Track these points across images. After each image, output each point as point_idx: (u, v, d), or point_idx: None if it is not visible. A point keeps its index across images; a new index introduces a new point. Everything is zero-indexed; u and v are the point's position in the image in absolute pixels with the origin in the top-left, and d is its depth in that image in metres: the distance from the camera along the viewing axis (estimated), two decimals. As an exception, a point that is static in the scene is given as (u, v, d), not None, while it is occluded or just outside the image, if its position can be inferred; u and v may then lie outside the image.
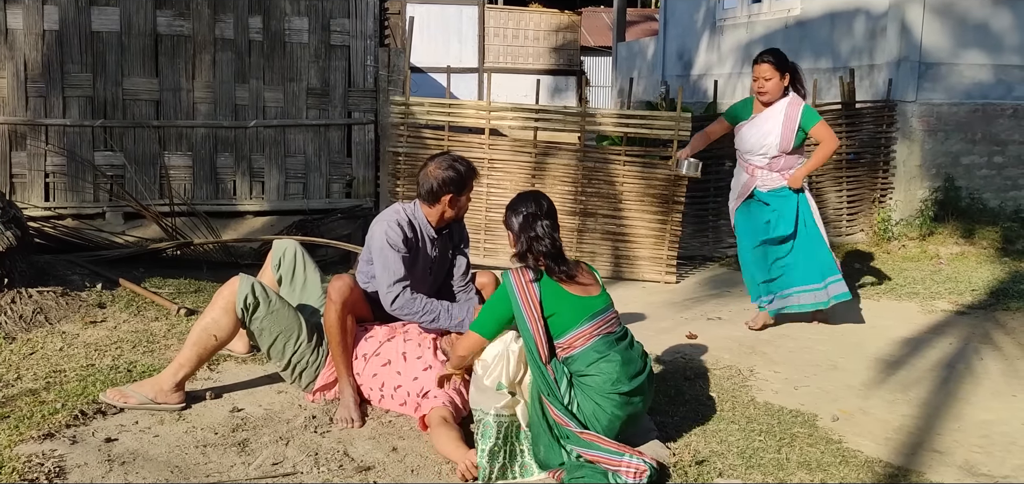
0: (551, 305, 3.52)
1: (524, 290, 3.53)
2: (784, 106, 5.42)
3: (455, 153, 4.17)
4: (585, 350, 3.51)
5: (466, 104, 7.70)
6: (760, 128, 5.49)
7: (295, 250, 4.42)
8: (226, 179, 7.84)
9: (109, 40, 7.40)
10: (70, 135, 7.41)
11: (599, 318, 3.57)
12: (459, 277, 4.35)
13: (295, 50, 7.85)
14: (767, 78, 5.34)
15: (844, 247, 8.40)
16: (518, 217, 3.69)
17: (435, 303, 4.03)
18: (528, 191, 3.87)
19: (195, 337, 3.92)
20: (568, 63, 19.60)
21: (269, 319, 3.95)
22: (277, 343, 4.00)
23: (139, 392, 3.84)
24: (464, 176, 4.08)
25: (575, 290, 3.59)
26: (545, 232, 3.63)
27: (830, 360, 5.14)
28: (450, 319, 4.01)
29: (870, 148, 8.63)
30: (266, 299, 3.94)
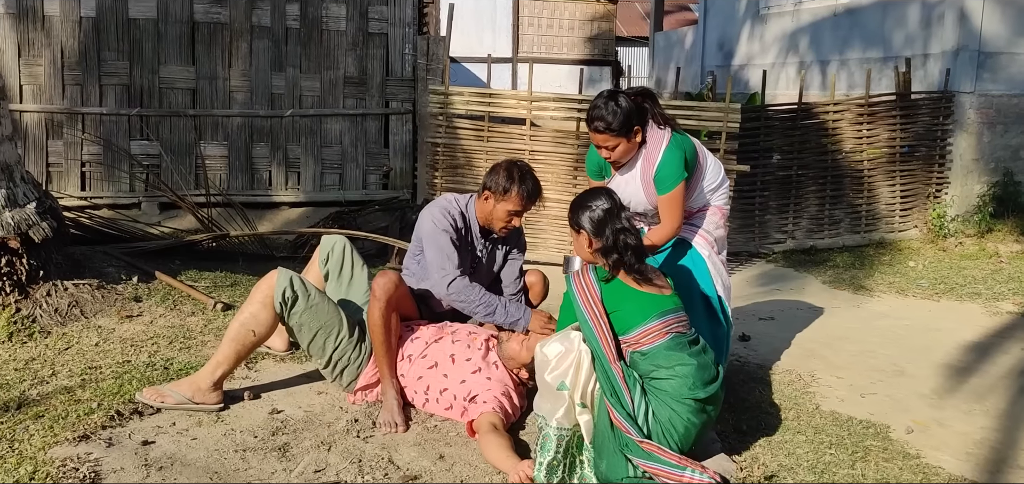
0: (616, 301, 3.32)
1: (584, 289, 3.32)
2: (639, 167, 3.93)
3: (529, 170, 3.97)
4: (656, 348, 3.28)
5: (506, 94, 7.48)
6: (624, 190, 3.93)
7: (344, 245, 4.25)
8: (261, 169, 7.69)
9: (146, 27, 7.28)
10: (106, 124, 7.31)
11: (669, 316, 3.34)
12: (511, 283, 4.17)
13: (332, 38, 7.68)
14: (609, 147, 3.80)
15: (897, 244, 8.09)
16: (594, 213, 3.45)
17: (494, 297, 3.88)
18: (591, 189, 3.62)
19: (233, 333, 3.75)
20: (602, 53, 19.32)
21: (308, 314, 3.78)
22: (317, 339, 3.83)
23: (176, 391, 3.68)
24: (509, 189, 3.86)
25: (646, 288, 3.37)
26: (629, 223, 3.43)
27: (895, 365, 4.87)
28: (507, 315, 3.86)
29: (925, 141, 8.30)
30: (305, 293, 3.77)
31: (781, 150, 7.89)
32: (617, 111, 3.73)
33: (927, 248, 8.01)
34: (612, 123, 3.74)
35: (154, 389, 3.71)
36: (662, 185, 3.88)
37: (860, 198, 8.16)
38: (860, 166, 8.13)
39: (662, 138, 3.88)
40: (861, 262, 7.57)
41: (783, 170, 7.92)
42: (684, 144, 3.91)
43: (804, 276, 7.20)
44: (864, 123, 8.04)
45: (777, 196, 7.94)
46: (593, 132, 3.81)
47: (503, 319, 3.85)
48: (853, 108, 8.03)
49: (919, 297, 6.52)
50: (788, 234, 8.00)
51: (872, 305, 6.28)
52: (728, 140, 6.92)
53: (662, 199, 3.91)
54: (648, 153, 3.90)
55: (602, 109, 3.75)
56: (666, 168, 3.85)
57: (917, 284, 6.82)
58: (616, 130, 3.75)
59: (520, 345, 3.82)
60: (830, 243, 8.05)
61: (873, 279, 7.00)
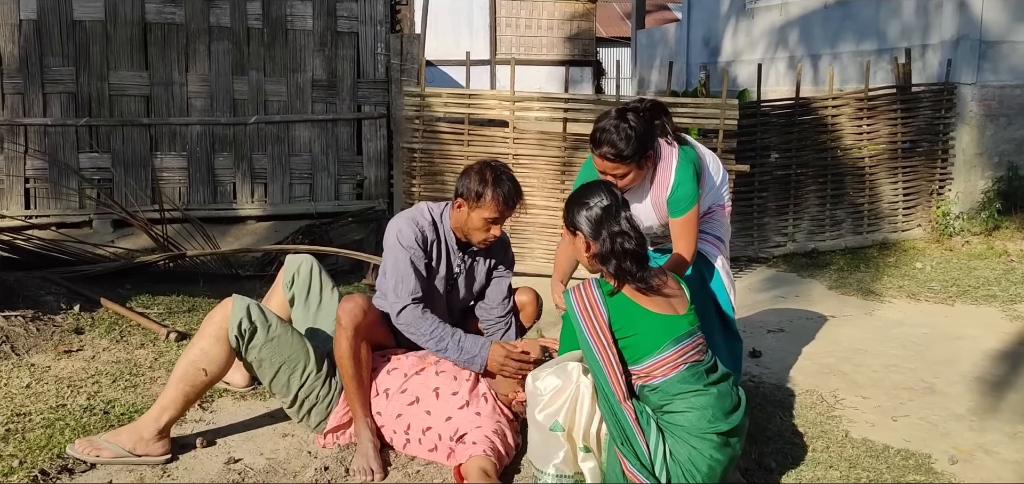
0: (625, 324, 2.82)
1: (588, 309, 2.81)
2: (648, 190, 3.49)
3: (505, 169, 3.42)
4: (669, 381, 2.80)
5: (487, 94, 6.99)
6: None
7: (311, 266, 3.72)
8: (225, 181, 7.15)
9: (93, 30, 6.72)
10: (52, 135, 6.74)
11: (685, 343, 2.85)
12: (497, 304, 3.66)
13: (298, 38, 7.16)
14: (619, 175, 3.28)
15: (901, 244, 7.69)
16: (590, 212, 2.93)
17: (446, 329, 3.36)
18: (591, 182, 3.09)
19: (181, 372, 3.25)
20: (583, 53, 18.84)
21: (269, 348, 3.28)
22: (280, 376, 3.34)
23: (114, 443, 3.16)
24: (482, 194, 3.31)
25: (657, 305, 2.87)
26: (629, 225, 2.90)
27: (923, 381, 4.44)
28: (459, 352, 3.34)
29: (927, 135, 7.90)
30: (264, 324, 3.26)
31: (779, 148, 7.45)
32: (630, 136, 3.21)
33: (933, 248, 7.61)
34: (624, 150, 3.22)
35: (88, 441, 3.19)
36: (678, 208, 3.42)
37: (862, 197, 7.74)
38: (861, 163, 7.71)
39: (671, 155, 3.43)
40: (866, 264, 7.16)
41: (781, 169, 7.49)
42: (692, 156, 3.47)
43: (808, 281, 6.78)
44: (864, 118, 7.63)
45: (776, 197, 7.51)
46: (600, 158, 3.28)
47: (455, 356, 3.34)
48: (852, 102, 7.62)
49: (932, 301, 6.12)
50: (788, 237, 7.57)
51: (885, 312, 5.86)
52: (726, 139, 6.47)
53: (679, 222, 3.44)
54: (659, 175, 3.45)
55: (612, 133, 3.22)
56: (681, 189, 3.40)
57: (928, 287, 6.42)
58: (628, 157, 3.24)
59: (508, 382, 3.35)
60: (832, 245, 7.63)
61: (881, 283, 6.59)
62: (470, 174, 3.35)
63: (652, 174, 3.45)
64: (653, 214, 3.53)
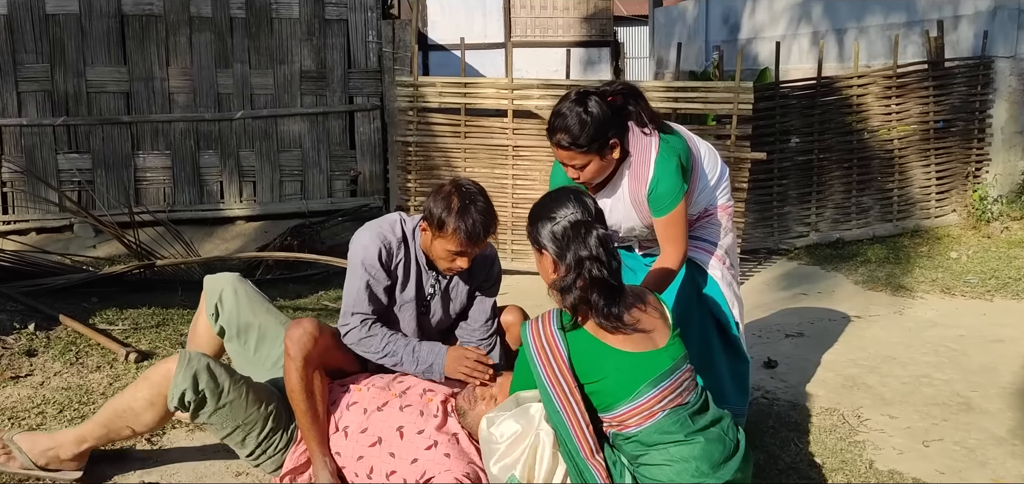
0: (589, 368, 2.38)
1: (546, 351, 2.37)
2: (624, 187, 3.07)
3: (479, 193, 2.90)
4: (646, 430, 2.37)
5: (484, 83, 6.56)
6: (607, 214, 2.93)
7: (235, 290, 3.27)
8: (211, 180, 6.81)
9: (67, 24, 6.38)
10: (28, 136, 6.43)
11: (666, 384, 2.41)
12: (479, 326, 3.23)
13: (284, 26, 6.77)
14: (577, 166, 2.91)
15: (934, 232, 7.17)
16: (556, 226, 2.45)
17: (398, 341, 2.99)
18: (560, 190, 2.61)
19: (107, 418, 2.94)
20: (600, 33, 18.30)
21: (220, 415, 2.92)
22: (234, 436, 2.99)
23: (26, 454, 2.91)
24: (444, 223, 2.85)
25: (630, 342, 2.40)
26: (600, 247, 2.39)
27: (958, 394, 3.97)
28: (416, 363, 2.99)
29: (962, 114, 7.35)
30: (215, 391, 2.87)
31: (800, 132, 6.94)
32: (585, 121, 2.83)
33: (969, 235, 7.08)
34: (579, 137, 2.84)
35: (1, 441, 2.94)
36: (660, 205, 2.98)
37: (891, 182, 7.22)
38: (889, 146, 7.18)
39: (649, 146, 2.98)
40: (896, 255, 6.66)
41: (802, 154, 6.98)
42: (676, 146, 3.01)
43: (833, 275, 6.30)
44: (893, 97, 7.09)
45: (797, 184, 7.01)
46: (556, 147, 2.91)
47: (412, 368, 2.99)
48: (880, 80, 7.08)
49: (969, 296, 5.63)
50: (811, 226, 7.07)
51: (916, 310, 5.38)
52: (740, 124, 5.99)
53: (662, 222, 3.00)
54: (635, 168, 3.00)
55: (567, 117, 2.85)
56: (662, 183, 2.97)
57: (964, 280, 5.91)
58: (585, 146, 2.86)
59: (488, 407, 2.93)
60: (859, 234, 7.12)
61: (913, 276, 6.09)
62: (438, 196, 2.90)
63: (627, 168, 3.01)
64: (634, 214, 3.08)
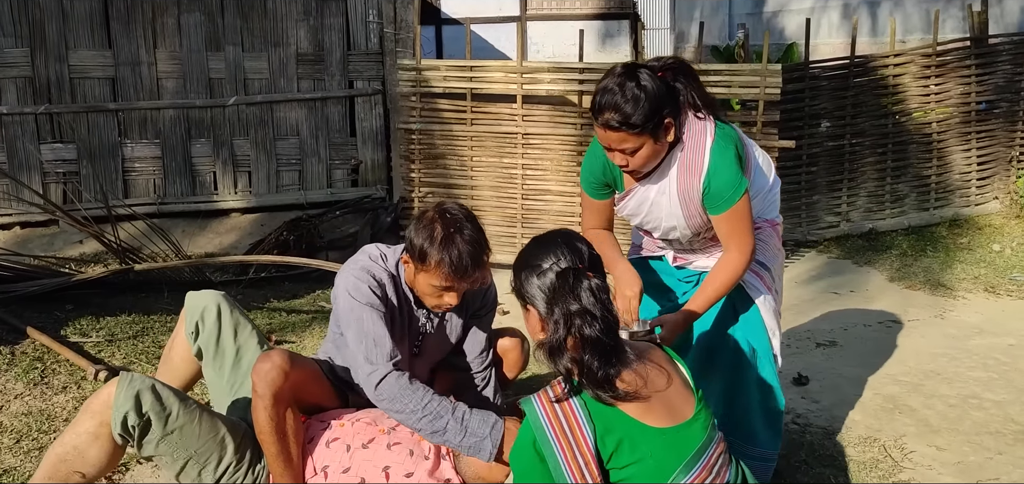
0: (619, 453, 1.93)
1: (566, 434, 1.91)
2: (672, 179, 2.64)
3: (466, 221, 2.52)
4: None
5: (492, 66, 6.14)
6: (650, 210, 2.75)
7: (218, 309, 2.92)
8: (203, 171, 6.45)
9: (47, 5, 6.01)
10: (8, 126, 6.08)
11: (702, 464, 1.97)
12: (475, 358, 2.88)
13: (279, 6, 6.37)
14: (627, 150, 2.49)
15: (975, 221, 6.71)
16: (543, 278, 2.03)
17: (444, 404, 2.50)
18: (552, 232, 2.16)
19: (49, 468, 2.55)
20: (619, 4, 17.72)
21: (168, 442, 2.55)
22: (187, 470, 2.62)
23: None
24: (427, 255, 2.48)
25: (655, 414, 1.96)
26: (596, 301, 1.96)
27: (1014, 421, 3.58)
28: (463, 434, 2.48)
29: (1006, 94, 6.85)
30: (161, 414, 2.50)
31: (831, 115, 6.48)
32: (639, 97, 2.41)
33: (1012, 225, 6.63)
34: (632, 115, 2.41)
35: None
36: (719, 201, 2.56)
37: (928, 168, 6.75)
38: (928, 129, 6.71)
39: (704, 132, 2.57)
40: (933, 247, 6.23)
41: (833, 140, 6.52)
42: (732, 136, 2.61)
43: (865, 270, 5.89)
44: (931, 77, 6.60)
45: (827, 172, 6.56)
46: (603, 128, 2.47)
47: (457, 440, 2.48)
48: (918, 59, 6.59)
49: (1015, 296, 5.24)
50: (842, 216, 6.62)
51: (959, 313, 4.97)
52: (767, 110, 5.55)
53: (723, 219, 2.58)
54: (687, 157, 2.57)
55: (617, 94, 2.42)
56: (721, 175, 2.54)
57: (1010, 277, 5.50)
58: (639, 125, 2.43)
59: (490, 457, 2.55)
60: (893, 224, 6.67)
61: (952, 272, 5.67)
62: (420, 222, 2.52)
63: (677, 155, 2.59)
64: (680, 211, 2.65)
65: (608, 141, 2.50)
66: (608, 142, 2.51)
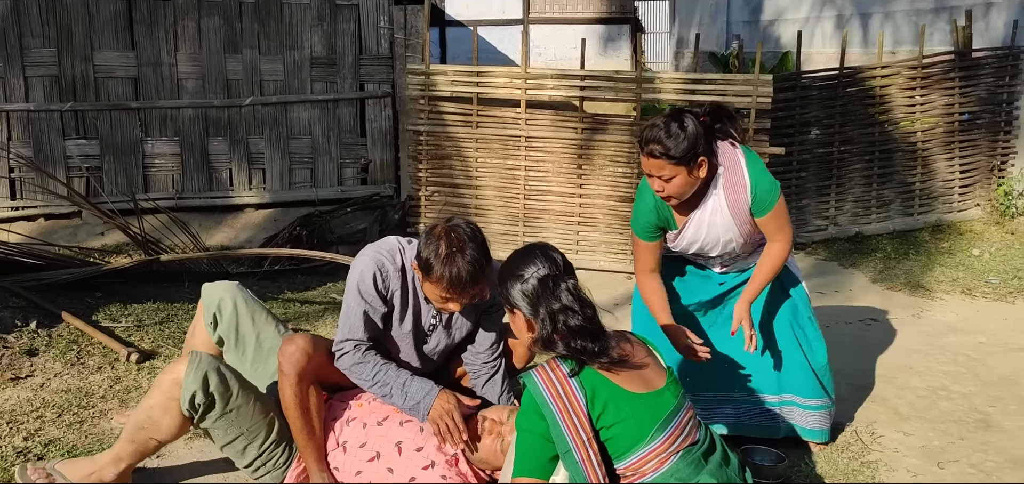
0: (607, 410, 2.30)
1: (562, 397, 2.27)
2: (721, 198, 3.16)
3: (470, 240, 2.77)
4: (661, 476, 2.30)
5: (498, 71, 6.43)
6: (703, 233, 3.24)
7: (234, 300, 3.23)
8: (220, 168, 6.75)
9: (74, 8, 6.31)
10: (35, 122, 6.38)
11: (675, 424, 2.35)
12: (485, 349, 3.15)
13: (294, 12, 6.67)
14: (664, 177, 3.02)
15: (957, 226, 7.00)
16: (525, 284, 2.38)
17: (390, 372, 2.89)
18: (529, 246, 2.52)
19: (132, 431, 2.92)
20: (620, 10, 18.00)
21: (225, 421, 2.90)
22: (235, 444, 2.97)
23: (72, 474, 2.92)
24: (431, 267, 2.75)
25: (633, 383, 2.34)
26: (574, 298, 2.35)
27: (977, 410, 3.86)
28: (404, 398, 2.88)
29: (988, 106, 7.14)
30: (223, 395, 2.85)
31: (821, 123, 6.77)
32: (679, 135, 3.00)
33: (992, 231, 6.91)
34: (672, 149, 2.99)
35: (41, 467, 2.95)
36: (765, 203, 3.14)
37: (913, 175, 7.04)
38: (912, 138, 7.00)
39: (736, 156, 3.18)
40: (916, 250, 6.51)
41: (822, 147, 6.82)
42: (754, 154, 3.25)
43: (849, 272, 6.17)
44: (917, 88, 6.90)
45: (816, 177, 6.85)
46: (647, 157, 3.06)
47: (400, 402, 2.89)
48: (904, 71, 6.89)
49: (990, 298, 5.50)
50: (830, 220, 6.92)
51: (935, 313, 5.26)
52: (758, 117, 5.84)
53: (769, 217, 3.17)
54: (729, 178, 3.17)
55: (661, 130, 3.02)
56: (762, 183, 3.15)
57: (986, 280, 5.78)
58: (677, 157, 3.01)
59: (493, 444, 2.85)
60: (879, 228, 6.97)
61: (932, 275, 5.95)
62: (430, 235, 2.79)
63: (720, 179, 3.18)
64: (734, 224, 3.21)
65: (650, 167, 3.04)
66: (650, 169, 3.05)
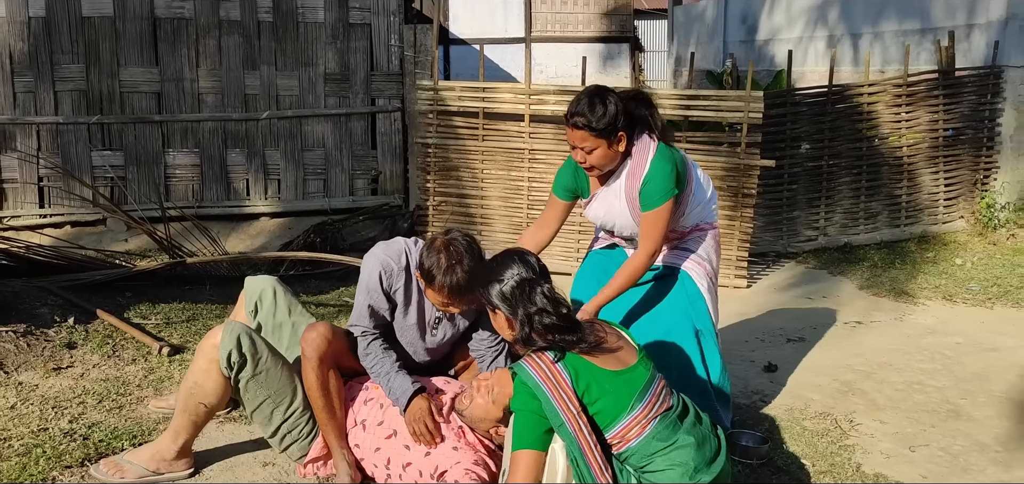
0: (590, 388, 2.62)
1: (551, 379, 2.59)
2: (623, 182, 3.38)
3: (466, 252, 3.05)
4: (644, 440, 2.61)
5: (503, 88, 6.76)
6: (605, 209, 3.49)
7: (274, 290, 3.57)
8: (237, 178, 7.07)
9: (102, 26, 6.65)
10: (63, 134, 6.71)
11: (651, 394, 2.67)
12: (488, 336, 3.41)
13: (309, 30, 7.01)
14: (586, 149, 3.26)
15: (941, 237, 7.31)
16: (504, 286, 2.71)
17: (385, 364, 3.20)
18: (506, 251, 2.86)
19: (182, 402, 3.23)
20: (620, 29, 18.43)
21: (255, 382, 3.19)
22: (263, 408, 3.26)
23: (137, 464, 3.22)
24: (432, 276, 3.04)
25: (610, 363, 2.67)
26: (548, 300, 2.67)
27: (949, 402, 4.15)
28: (389, 389, 3.18)
29: (971, 123, 7.47)
30: (254, 356, 3.16)
31: (810, 138, 7.10)
32: (602, 110, 3.23)
33: (975, 242, 7.21)
34: (593, 121, 3.22)
35: (113, 462, 3.25)
36: (649, 200, 3.31)
37: (899, 188, 7.37)
38: (899, 153, 7.33)
39: (648, 149, 3.35)
40: (901, 260, 6.82)
41: (812, 161, 7.14)
42: (673, 155, 3.37)
43: (837, 279, 6.46)
44: (903, 105, 7.23)
45: (806, 189, 7.17)
46: (571, 128, 3.30)
47: (384, 388, 3.20)
48: (890, 89, 7.22)
49: (970, 304, 5.78)
50: (820, 231, 7.23)
51: (917, 316, 5.54)
52: (750, 132, 6.16)
53: (646, 216, 3.33)
54: (633, 166, 3.34)
55: (584, 103, 3.26)
56: (654, 182, 3.31)
57: (966, 287, 6.07)
58: (598, 130, 3.23)
59: (486, 399, 3.13)
60: (867, 239, 7.28)
61: (916, 282, 6.25)
62: (431, 247, 3.08)
63: (627, 166, 3.35)
64: (627, 212, 3.40)
65: (574, 138, 3.27)
66: (573, 139, 3.27)
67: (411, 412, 3.08)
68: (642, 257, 3.37)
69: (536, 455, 2.58)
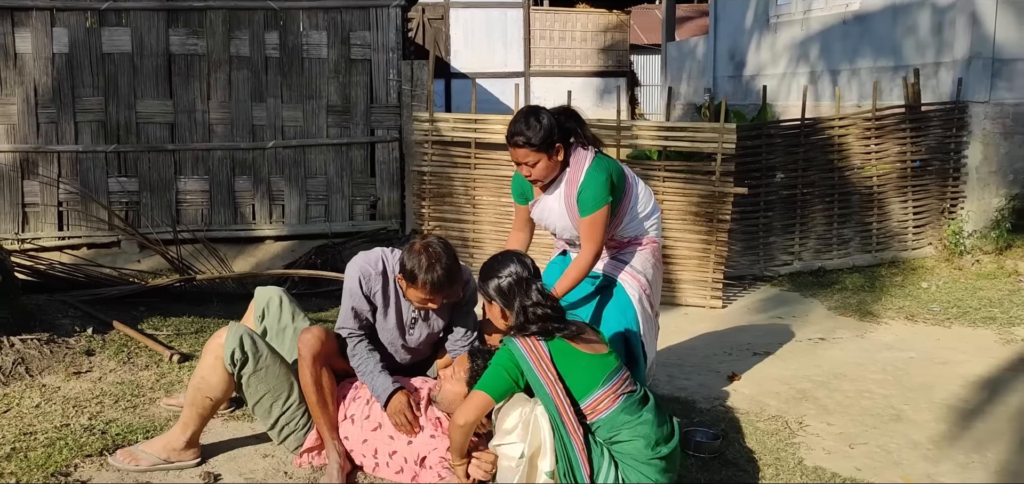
0: (565, 365, 3.08)
1: (534, 352, 3.07)
2: (562, 189, 3.74)
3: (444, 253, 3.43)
4: (612, 413, 3.08)
5: (494, 119, 7.20)
6: (542, 212, 3.89)
7: (280, 298, 4.00)
8: (244, 203, 7.50)
9: (121, 62, 7.13)
10: (83, 161, 7.17)
11: (617, 378, 3.15)
12: (462, 335, 3.76)
13: (314, 66, 7.47)
14: (530, 163, 3.61)
15: (911, 263, 7.68)
16: (503, 281, 3.21)
17: (368, 363, 3.56)
18: (503, 252, 3.34)
19: (190, 396, 3.60)
20: (617, 64, 18.95)
21: (256, 377, 3.57)
22: (263, 402, 3.63)
23: (150, 453, 3.56)
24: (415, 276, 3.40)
25: (585, 348, 3.15)
26: (541, 295, 3.18)
27: (893, 408, 4.51)
28: (372, 387, 3.54)
29: (938, 154, 7.88)
30: (255, 354, 3.55)
31: (785, 168, 7.51)
32: (537, 126, 3.57)
33: (942, 267, 7.58)
34: (532, 138, 3.57)
35: (128, 451, 3.58)
36: (584, 206, 3.67)
37: (870, 216, 7.76)
38: (869, 182, 7.74)
39: (585, 159, 3.71)
40: (871, 283, 7.18)
41: (787, 189, 7.55)
42: (609, 166, 3.73)
43: (808, 301, 6.83)
44: (872, 138, 7.65)
45: (782, 216, 7.57)
46: (512, 148, 3.65)
47: (369, 385, 3.56)
48: (860, 122, 7.64)
49: (929, 323, 6.14)
50: (795, 255, 7.62)
51: (878, 334, 5.91)
52: (724, 162, 6.58)
53: (584, 222, 3.69)
54: (570, 175, 3.71)
55: (521, 123, 3.60)
56: (589, 189, 3.64)
57: (928, 308, 6.43)
58: (536, 145, 3.58)
59: (452, 382, 3.48)
60: (840, 264, 7.66)
61: (882, 303, 6.62)
62: (411, 252, 3.44)
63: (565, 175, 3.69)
64: (567, 217, 3.75)
65: (517, 156, 3.62)
66: (516, 157, 3.62)
67: (392, 406, 3.45)
68: (586, 256, 3.71)
69: (489, 401, 3.08)
